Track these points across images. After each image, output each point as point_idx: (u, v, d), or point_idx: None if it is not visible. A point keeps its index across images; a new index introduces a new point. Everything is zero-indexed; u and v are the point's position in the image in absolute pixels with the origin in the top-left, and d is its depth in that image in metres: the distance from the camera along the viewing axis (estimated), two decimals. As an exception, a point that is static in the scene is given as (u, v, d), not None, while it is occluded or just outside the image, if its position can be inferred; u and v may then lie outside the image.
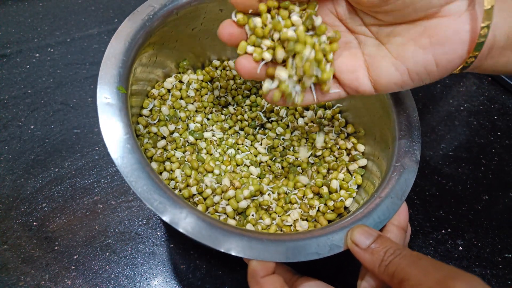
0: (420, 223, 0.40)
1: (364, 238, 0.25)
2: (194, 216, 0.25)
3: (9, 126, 0.46)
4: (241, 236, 0.25)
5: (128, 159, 0.26)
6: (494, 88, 0.56)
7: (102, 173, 0.42)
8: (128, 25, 0.31)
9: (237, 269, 0.36)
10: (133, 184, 0.25)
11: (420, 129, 0.32)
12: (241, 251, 0.25)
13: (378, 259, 0.24)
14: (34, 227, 0.37)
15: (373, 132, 0.37)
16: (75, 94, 0.50)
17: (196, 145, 0.38)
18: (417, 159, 0.31)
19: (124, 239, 0.37)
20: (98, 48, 0.57)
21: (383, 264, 0.24)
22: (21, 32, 0.58)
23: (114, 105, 0.28)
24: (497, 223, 0.41)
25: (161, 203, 0.25)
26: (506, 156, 0.47)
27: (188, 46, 0.40)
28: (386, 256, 0.24)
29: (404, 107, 0.33)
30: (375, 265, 0.24)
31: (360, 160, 0.36)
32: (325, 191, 0.35)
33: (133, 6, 0.65)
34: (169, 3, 0.34)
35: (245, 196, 0.33)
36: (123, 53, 0.30)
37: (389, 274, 0.23)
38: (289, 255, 0.25)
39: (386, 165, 0.32)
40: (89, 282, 0.34)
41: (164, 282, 0.35)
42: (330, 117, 0.41)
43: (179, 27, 0.36)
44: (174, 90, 0.40)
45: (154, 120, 0.37)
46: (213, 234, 0.25)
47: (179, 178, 0.34)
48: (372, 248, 0.25)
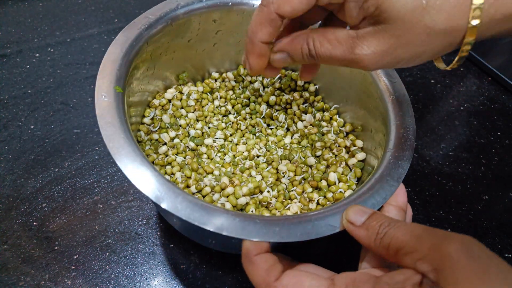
0: (420, 223, 0.40)
1: (359, 216, 0.25)
2: (187, 198, 0.25)
3: (9, 126, 0.46)
4: (233, 216, 0.25)
5: (116, 132, 0.27)
6: (494, 88, 0.56)
7: (102, 173, 0.42)
8: (125, 34, 0.33)
9: (237, 269, 0.36)
10: (116, 157, 0.26)
11: (413, 116, 0.33)
12: (233, 231, 0.24)
13: (373, 233, 0.24)
14: (34, 227, 0.37)
15: (369, 125, 0.37)
16: (75, 94, 0.50)
17: (197, 150, 0.39)
18: (412, 144, 0.31)
19: (124, 239, 0.37)
20: (98, 48, 0.57)
21: (378, 237, 0.23)
22: (21, 32, 0.58)
23: (111, 102, 0.29)
24: (497, 223, 0.41)
25: (152, 185, 0.25)
26: (506, 156, 0.47)
27: (186, 57, 0.41)
28: (381, 229, 0.23)
29: (397, 96, 0.34)
30: (371, 239, 0.24)
31: (358, 154, 0.37)
32: (323, 184, 0.35)
33: (133, 6, 0.65)
34: (164, 14, 0.35)
35: (244, 193, 0.33)
36: (120, 58, 0.31)
37: (385, 246, 0.23)
38: (283, 234, 0.25)
39: (382, 152, 0.32)
40: (89, 282, 0.34)
41: (164, 282, 0.35)
42: (329, 118, 0.42)
43: (175, 38, 0.38)
44: (174, 100, 0.41)
45: (155, 127, 0.38)
46: (205, 214, 0.25)
47: (179, 180, 0.35)
48: (367, 224, 0.25)
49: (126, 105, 0.30)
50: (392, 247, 0.22)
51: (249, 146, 0.40)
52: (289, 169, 0.37)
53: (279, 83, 0.44)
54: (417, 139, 0.48)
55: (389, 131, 0.32)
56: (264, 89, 0.44)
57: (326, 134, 0.41)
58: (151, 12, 0.35)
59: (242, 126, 0.43)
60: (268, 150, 0.40)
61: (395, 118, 0.33)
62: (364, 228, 0.25)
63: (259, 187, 0.35)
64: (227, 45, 0.43)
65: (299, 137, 0.42)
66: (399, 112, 0.33)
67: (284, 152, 0.40)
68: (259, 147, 0.40)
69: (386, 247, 0.23)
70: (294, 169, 0.37)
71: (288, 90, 0.44)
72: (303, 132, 0.42)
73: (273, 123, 0.44)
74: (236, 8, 0.39)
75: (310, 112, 0.43)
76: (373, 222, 0.24)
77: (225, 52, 0.43)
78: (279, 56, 0.28)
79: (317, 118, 0.42)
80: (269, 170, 0.38)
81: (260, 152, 0.40)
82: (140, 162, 0.26)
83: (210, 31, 0.40)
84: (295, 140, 0.42)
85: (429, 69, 0.58)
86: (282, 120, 0.43)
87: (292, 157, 0.38)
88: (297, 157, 0.39)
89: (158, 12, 0.35)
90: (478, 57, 0.58)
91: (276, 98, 0.43)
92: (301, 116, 0.43)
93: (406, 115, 0.33)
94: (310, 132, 0.41)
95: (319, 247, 0.38)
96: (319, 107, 0.43)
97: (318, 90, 0.44)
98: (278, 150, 0.40)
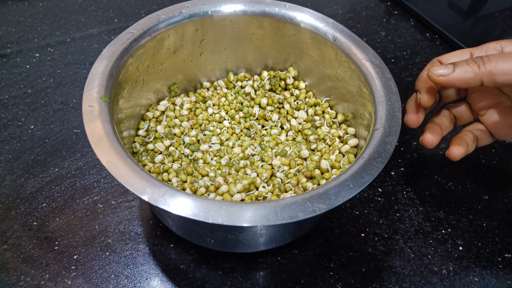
0: (420, 223, 0.40)
1: (444, 67, 0.30)
2: (180, 193, 0.26)
3: (9, 126, 0.46)
4: (220, 204, 0.25)
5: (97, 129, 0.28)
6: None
7: (102, 173, 0.42)
8: (110, 49, 0.34)
9: (237, 269, 0.36)
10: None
11: (397, 92, 0.33)
12: (219, 218, 0.24)
13: (473, 65, 0.28)
14: (34, 227, 0.37)
15: (358, 111, 0.38)
16: (75, 94, 0.50)
17: (192, 156, 0.40)
18: (398, 120, 0.31)
19: (124, 239, 0.37)
20: (98, 48, 0.57)
21: (481, 65, 0.28)
22: (21, 32, 0.58)
23: (97, 110, 0.30)
24: (497, 223, 0.41)
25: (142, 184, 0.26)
26: (506, 156, 0.47)
27: (174, 68, 0.42)
28: (481, 58, 0.29)
29: (380, 76, 0.35)
30: (475, 70, 0.28)
31: (351, 140, 0.37)
32: (317, 173, 0.35)
33: (133, 6, 0.65)
34: (147, 29, 0.36)
35: (238, 190, 0.33)
36: (107, 71, 0.32)
37: (491, 71, 0.28)
38: (270, 218, 0.24)
39: (370, 132, 0.32)
40: (89, 282, 0.34)
41: (164, 282, 0.35)
42: (321, 112, 0.43)
43: (160, 49, 0.39)
44: (168, 111, 0.42)
45: (150, 138, 0.39)
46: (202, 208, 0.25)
47: (175, 185, 0.35)
48: (461, 63, 0.29)
49: (113, 113, 0.32)
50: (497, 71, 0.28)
51: (243, 147, 0.40)
52: (283, 163, 0.38)
53: (269, 84, 0.44)
54: (417, 139, 0.48)
55: (375, 110, 0.33)
56: (255, 92, 0.45)
57: (320, 127, 0.41)
58: (134, 27, 0.36)
59: (237, 130, 0.43)
60: (262, 149, 0.41)
61: (380, 97, 0.33)
62: (463, 64, 0.29)
63: (254, 183, 0.35)
64: (214, 53, 0.43)
65: (293, 133, 0.42)
66: (383, 91, 0.34)
67: (278, 148, 0.40)
68: (253, 146, 0.41)
69: (491, 73, 0.28)
70: (288, 163, 0.38)
71: (279, 90, 0.45)
72: (296, 129, 0.42)
73: (267, 124, 0.44)
74: (216, 16, 0.40)
75: (302, 108, 0.43)
76: (469, 59, 0.30)
77: (213, 61, 0.44)
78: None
79: (310, 114, 0.43)
80: (264, 166, 0.38)
81: (255, 151, 0.40)
82: (117, 155, 0.27)
83: (195, 41, 0.41)
84: (290, 138, 0.42)
85: (429, 69, 0.58)
86: (276, 119, 0.43)
87: (285, 152, 0.39)
88: (291, 151, 0.39)
89: (140, 27, 0.36)
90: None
91: (268, 99, 0.44)
92: (293, 113, 0.44)
93: (390, 92, 0.33)
94: (304, 127, 0.42)
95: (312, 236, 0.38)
96: (311, 103, 0.43)
97: (308, 86, 0.44)
98: (274, 148, 0.41)
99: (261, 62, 0.45)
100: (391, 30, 0.65)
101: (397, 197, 0.42)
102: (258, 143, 0.41)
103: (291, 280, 0.35)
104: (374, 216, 0.40)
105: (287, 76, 0.44)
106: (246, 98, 0.45)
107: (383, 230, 0.39)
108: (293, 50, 0.42)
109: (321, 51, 0.40)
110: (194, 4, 0.39)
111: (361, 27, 0.65)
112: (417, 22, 0.66)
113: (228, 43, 0.43)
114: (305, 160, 0.38)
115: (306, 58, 0.42)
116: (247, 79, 0.46)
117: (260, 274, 0.36)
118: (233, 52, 0.44)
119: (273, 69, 0.46)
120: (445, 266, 0.37)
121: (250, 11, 0.40)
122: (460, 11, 0.67)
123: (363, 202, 0.42)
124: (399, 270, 0.37)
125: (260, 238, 0.33)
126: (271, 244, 0.35)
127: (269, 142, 0.41)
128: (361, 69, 0.36)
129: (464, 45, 0.59)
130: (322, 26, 0.39)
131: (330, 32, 0.38)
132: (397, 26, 0.66)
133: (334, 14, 0.67)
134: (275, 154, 0.39)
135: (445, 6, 0.69)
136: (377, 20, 0.67)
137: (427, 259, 0.38)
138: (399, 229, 0.40)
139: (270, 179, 0.37)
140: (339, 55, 0.38)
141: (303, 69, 0.44)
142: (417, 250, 0.38)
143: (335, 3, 0.70)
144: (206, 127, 0.43)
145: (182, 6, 0.39)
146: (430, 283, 0.36)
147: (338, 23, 0.39)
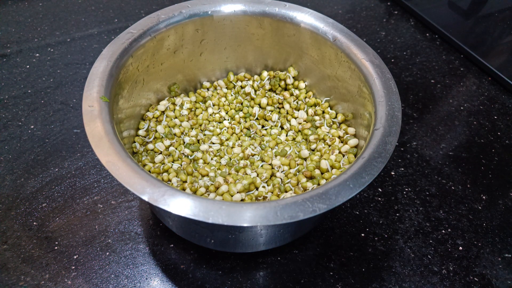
0: (420, 223, 0.40)
1: None
2: (179, 193, 0.26)
3: (9, 126, 0.46)
4: (220, 204, 0.25)
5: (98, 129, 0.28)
6: (494, 88, 0.56)
7: (102, 173, 0.42)
8: (110, 49, 0.34)
9: (237, 269, 0.36)
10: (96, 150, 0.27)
11: (398, 93, 0.33)
12: (219, 218, 0.24)
13: None
14: (34, 227, 0.37)
15: (358, 111, 0.38)
16: (75, 94, 0.50)
17: (192, 156, 0.40)
18: (398, 119, 0.31)
19: (124, 239, 0.37)
20: (98, 48, 0.57)
21: None
22: (21, 32, 0.58)
23: (97, 110, 0.30)
24: (497, 223, 0.41)
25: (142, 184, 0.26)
26: (506, 156, 0.47)
27: (174, 68, 0.42)
28: None
29: (380, 76, 0.34)
30: None
31: (351, 140, 0.37)
32: (317, 173, 0.35)
33: (133, 6, 0.65)
34: (147, 29, 0.36)
35: (238, 189, 0.33)
36: (107, 71, 0.32)
37: None
38: (270, 218, 0.24)
39: (370, 132, 0.32)
40: (89, 282, 0.34)
41: (164, 282, 0.35)
42: (321, 112, 0.43)
43: (160, 49, 0.39)
44: (168, 111, 0.42)
45: (150, 138, 0.39)
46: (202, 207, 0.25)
47: (175, 185, 0.35)
48: None
49: (113, 113, 0.32)
50: None
51: (243, 147, 0.40)
52: (283, 163, 0.38)
53: (269, 84, 0.44)
54: (417, 139, 0.48)
55: (375, 110, 0.33)
56: (255, 92, 0.45)
57: (320, 127, 0.41)
58: (134, 27, 0.36)
59: (237, 130, 0.43)
60: (262, 149, 0.41)
61: (380, 97, 0.33)
62: None
63: (254, 183, 0.35)
64: (214, 53, 0.43)
65: (293, 133, 0.42)
66: (383, 91, 0.33)
67: (278, 149, 0.40)
68: (253, 146, 0.41)
69: None
70: (288, 162, 0.37)
71: (279, 90, 0.45)
72: (296, 128, 0.42)
73: (267, 124, 0.44)
74: (216, 16, 0.40)
75: (302, 108, 0.43)
76: None
77: (213, 61, 0.44)
78: None
79: (310, 114, 0.43)
80: (264, 166, 0.38)
81: (255, 151, 0.40)
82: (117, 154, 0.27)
83: (195, 41, 0.41)
84: (290, 138, 0.42)
85: (429, 69, 0.58)
86: (276, 119, 0.44)
87: (285, 152, 0.39)
88: (291, 151, 0.39)
89: (140, 27, 0.36)
90: (478, 56, 0.58)
91: (268, 99, 0.44)
92: (293, 113, 0.44)
93: (390, 92, 0.33)
94: (304, 127, 0.42)
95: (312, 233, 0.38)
96: (311, 103, 0.43)
97: (308, 86, 0.44)
98: (274, 148, 0.41)
99: (261, 62, 0.45)
100: (391, 30, 0.65)
101: (397, 197, 0.42)
102: (258, 143, 0.41)
103: (291, 280, 0.35)
104: (374, 216, 0.40)
105: (287, 76, 0.44)
106: (246, 98, 0.45)
107: (383, 230, 0.39)
108: (293, 50, 0.42)
109: (321, 51, 0.40)
110: (194, 4, 0.39)
111: (361, 27, 0.65)
112: (417, 22, 0.66)
113: (228, 43, 0.43)
114: (305, 160, 0.38)
115: (306, 58, 0.42)
116: (247, 79, 0.46)
117: (260, 274, 0.36)
118: (233, 52, 0.44)
119: (273, 69, 0.46)
120: (445, 266, 0.37)
121: (250, 11, 0.40)
122: (460, 11, 0.67)
123: (363, 202, 0.42)
124: (399, 270, 0.37)
125: (260, 238, 0.33)
126: (271, 244, 0.35)
127: (269, 142, 0.41)
128: (361, 69, 0.36)
129: (464, 45, 0.59)
130: (322, 26, 0.39)
131: (330, 32, 0.38)
132: (397, 26, 0.66)
133: (334, 14, 0.67)
134: (275, 154, 0.39)
135: (445, 6, 0.69)
136: (377, 20, 0.67)
137: (427, 259, 0.38)
138: (399, 229, 0.40)
139: (270, 179, 0.37)
140: (339, 55, 0.38)
141: (303, 69, 0.44)
142: (417, 250, 0.38)
143: (335, 3, 0.70)
144: (206, 127, 0.43)
145: (182, 6, 0.39)
146: (430, 283, 0.36)
147: (338, 23, 0.39)
